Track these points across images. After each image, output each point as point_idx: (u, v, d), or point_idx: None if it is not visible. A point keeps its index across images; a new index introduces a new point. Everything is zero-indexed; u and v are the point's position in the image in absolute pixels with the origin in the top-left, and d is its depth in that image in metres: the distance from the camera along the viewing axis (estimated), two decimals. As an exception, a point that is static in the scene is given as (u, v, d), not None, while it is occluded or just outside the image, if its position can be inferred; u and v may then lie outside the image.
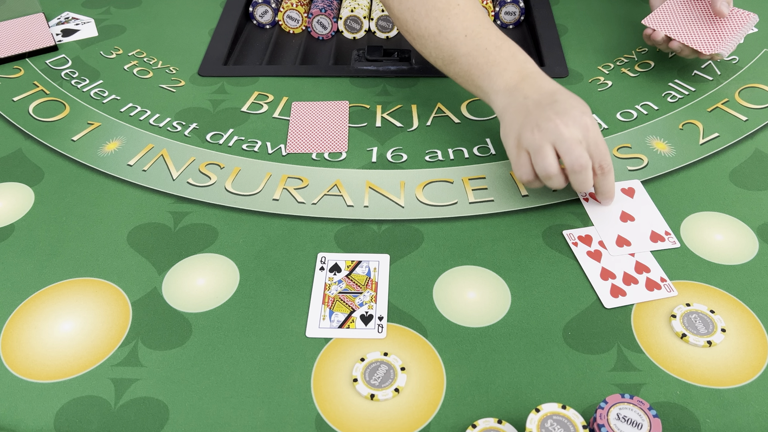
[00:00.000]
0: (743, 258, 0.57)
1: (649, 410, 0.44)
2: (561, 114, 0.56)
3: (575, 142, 0.55)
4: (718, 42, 0.70)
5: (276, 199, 0.64)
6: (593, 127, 0.56)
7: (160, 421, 0.47)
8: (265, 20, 0.92)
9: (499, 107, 0.62)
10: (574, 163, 0.56)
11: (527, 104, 0.59)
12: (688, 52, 0.73)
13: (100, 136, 0.72)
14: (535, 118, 0.57)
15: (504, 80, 0.62)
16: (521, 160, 0.59)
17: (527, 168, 0.58)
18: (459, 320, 0.53)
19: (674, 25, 0.72)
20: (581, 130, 0.56)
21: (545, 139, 0.56)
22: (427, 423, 0.46)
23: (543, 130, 0.56)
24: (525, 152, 0.58)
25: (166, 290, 0.56)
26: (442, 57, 0.66)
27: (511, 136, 0.60)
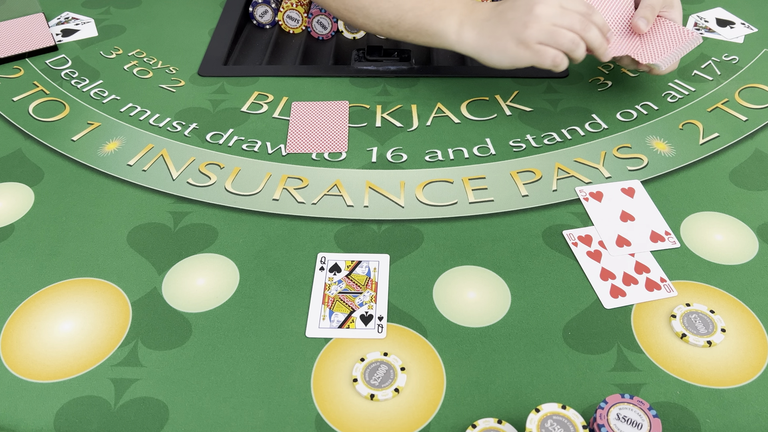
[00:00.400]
0: (743, 258, 0.57)
1: (649, 410, 0.44)
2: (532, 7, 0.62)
3: (565, 10, 0.62)
4: (657, 55, 0.69)
5: (276, 199, 0.64)
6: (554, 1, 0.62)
7: (160, 421, 0.47)
8: (265, 20, 0.92)
9: (469, 40, 0.66)
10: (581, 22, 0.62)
11: (496, 20, 0.64)
12: (627, 61, 0.71)
13: (100, 136, 0.72)
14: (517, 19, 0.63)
15: (457, 16, 0.66)
16: (542, 50, 0.63)
17: (552, 52, 0.63)
18: (459, 320, 0.53)
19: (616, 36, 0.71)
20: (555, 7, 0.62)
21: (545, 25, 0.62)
22: (427, 423, 0.46)
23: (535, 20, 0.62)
24: (538, 45, 0.63)
25: (166, 290, 0.56)
26: (389, 20, 0.68)
27: (509, 47, 0.64)
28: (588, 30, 0.63)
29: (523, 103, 0.76)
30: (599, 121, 0.73)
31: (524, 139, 0.71)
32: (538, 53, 0.63)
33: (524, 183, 0.65)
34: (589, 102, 0.75)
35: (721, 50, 0.83)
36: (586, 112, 0.74)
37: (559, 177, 0.66)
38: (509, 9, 0.63)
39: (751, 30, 0.86)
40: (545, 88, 0.77)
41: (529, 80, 0.79)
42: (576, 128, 0.72)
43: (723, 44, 0.84)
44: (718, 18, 0.89)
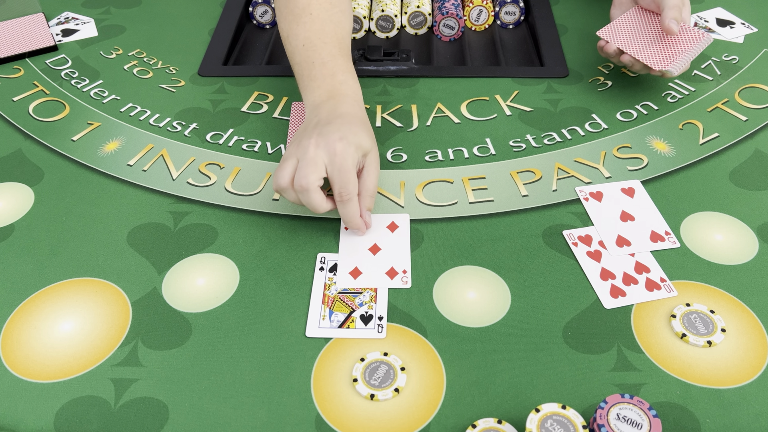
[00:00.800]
0: (743, 258, 0.57)
1: (649, 410, 0.44)
2: (321, 135, 0.56)
3: (310, 163, 0.54)
4: (670, 60, 0.69)
5: (276, 199, 0.64)
6: (342, 153, 0.54)
7: (160, 421, 0.47)
8: (265, 20, 0.92)
9: (306, 109, 0.63)
10: (297, 181, 0.54)
11: (312, 123, 0.59)
12: (639, 67, 0.71)
13: (100, 136, 0.72)
14: (302, 133, 0.58)
15: (314, 97, 0.62)
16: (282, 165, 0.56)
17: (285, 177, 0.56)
18: (459, 320, 0.53)
19: (628, 38, 0.71)
20: (329, 154, 0.55)
21: (294, 154, 0.56)
22: (427, 423, 0.46)
23: (299, 146, 0.56)
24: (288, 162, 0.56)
25: (166, 290, 0.56)
26: (289, 59, 0.67)
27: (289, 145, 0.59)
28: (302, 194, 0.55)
29: (523, 103, 0.76)
30: (599, 121, 0.73)
31: (524, 139, 0.71)
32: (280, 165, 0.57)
33: (524, 183, 0.65)
34: (589, 102, 0.75)
35: (721, 50, 0.83)
36: (586, 112, 0.74)
37: (559, 177, 0.66)
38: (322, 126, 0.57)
39: (751, 30, 0.86)
40: (545, 88, 0.77)
41: (529, 80, 0.79)
42: (576, 128, 0.72)
43: (723, 44, 0.84)
44: (718, 18, 0.89)
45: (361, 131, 0.57)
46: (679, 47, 0.69)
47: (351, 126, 0.57)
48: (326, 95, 0.62)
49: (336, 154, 0.54)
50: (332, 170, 0.55)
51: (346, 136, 0.55)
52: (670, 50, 0.69)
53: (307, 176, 0.54)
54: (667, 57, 0.69)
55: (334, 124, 0.57)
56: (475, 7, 0.89)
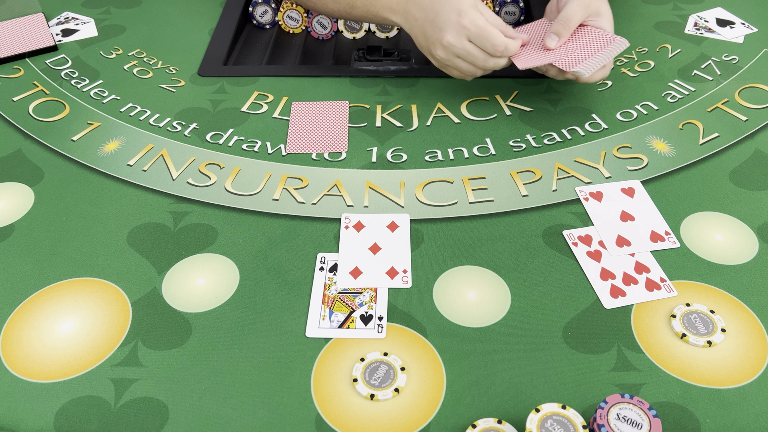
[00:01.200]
0: (743, 258, 0.57)
1: (649, 410, 0.44)
2: (444, 29, 0.67)
3: (467, 49, 0.67)
4: (579, 62, 0.67)
5: (276, 199, 0.64)
6: (471, 24, 0.66)
7: (160, 421, 0.47)
8: (265, 20, 0.92)
9: (403, 25, 0.73)
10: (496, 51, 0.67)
11: (420, 26, 0.70)
12: (554, 72, 0.70)
13: (100, 136, 0.72)
14: (434, 36, 0.69)
15: (392, 3, 0.73)
16: (447, 69, 0.71)
17: (461, 73, 0.71)
18: (459, 320, 0.53)
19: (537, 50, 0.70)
20: (463, 33, 0.67)
21: (451, 54, 0.68)
22: (427, 423, 0.46)
23: (445, 49, 0.68)
24: (451, 69, 0.70)
25: (166, 290, 0.56)
26: (344, 6, 0.77)
27: (431, 54, 0.71)
28: (482, 67, 0.69)
29: (523, 103, 0.76)
30: (599, 121, 0.73)
31: (524, 139, 0.71)
32: (444, 68, 0.72)
33: (524, 183, 0.65)
34: (589, 102, 0.75)
35: (721, 50, 0.83)
36: (586, 112, 0.74)
37: (559, 177, 0.66)
38: (432, 27, 0.69)
39: (751, 30, 0.86)
40: (545, 88, 0.77)
41: (529, 80, 0.79)
42: (576, 128, 0.72)
43: (723, 44, 0.84)
44: (718, 18, 0.89)
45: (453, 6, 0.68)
46: (589, 50, 0.68)
47: (444, 6, 0.68)
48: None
49: (468, 27, 0.66)
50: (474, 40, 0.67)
51: (458, 12, 0.67)
52: (580, 53, 0.68)
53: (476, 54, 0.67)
54: (577, 59, 0.68)
55: (439, 13, 0.68)
56: (475, 7, 0.89)
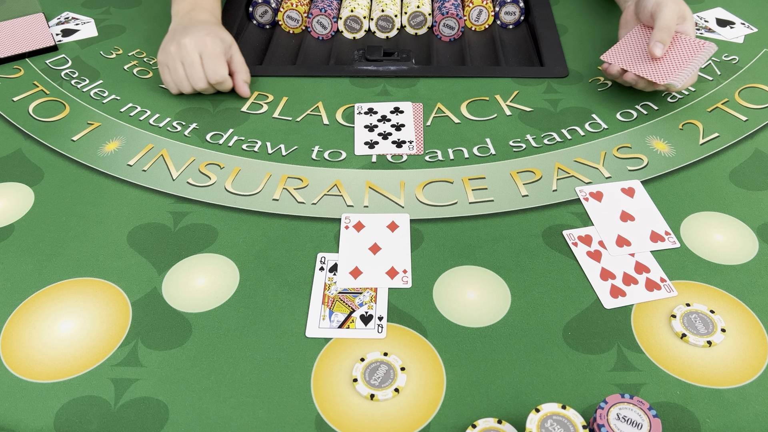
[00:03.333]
0: (743, 258, 0.57)
1: (649, 410, 0.44)
2: (190, 35, 0.73)
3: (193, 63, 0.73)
4: (671, 72, 0.69)
5: (276, 199, 0.64)
6: (211, 44, 0.73)
7: (160, 421, 0.47)
8: (265, 20, 0.92)
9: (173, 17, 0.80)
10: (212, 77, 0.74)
11: (178, 30, 0.76)
12: (643, 84, 0.72)
13: (100, 136, 0.72)
14: (170, 40, 0.74)
15: (180, 6, 0.80)
16: (164, 74, 0.76)
17: (169, 78, 0.76)
18: (459, 320, 0.53)
19: (630, 57, 0.72)
20: (199, 48, 0.73)
21: (176, 58, 0.73)
22: (427, 423, 0.46)
23: (171, 51, 0.73)
24: (165, 67, 0.75)
25: (166, 290, 0.56)
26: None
27: (163, 46, 0.75)
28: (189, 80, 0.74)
29: (523, 103, 0.76)
30: (599, 121, 0.73)
31: (524, 139, 0.71)
32: (160, 69, 0.76)
33: (524, 183, 0.65)
34: (589, 102, 0.75)
35: (721, 50, 0.83)
36: (586, 112, 0.74)
37: (559, 177, 0.66)
38: (181, 31, 0.75)
39: (751, 30, 0.86)
40: (545, 88, 0.77)
41: (529, 80, 0.79)
42: (576, 128, 0.72)
43: (723, 44, 0.84)
44: (718, 18, 0.89)
45: (219, 30, 0.76)
46: (680, 60, 0.69)
47: (211, 26, 0.75)
48: (189, 6, 0.80)
49: (206, 44, 0.73)
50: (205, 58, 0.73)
51: (207, 31, 0.74)
52: (671, 64, 0.69)
53: (217, 70, 0.73)
54: (669, 70, 0.69)
55: (197, 27, 0.74)
56: (475, 7, 0.89)
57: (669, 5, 0.69)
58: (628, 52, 0.72)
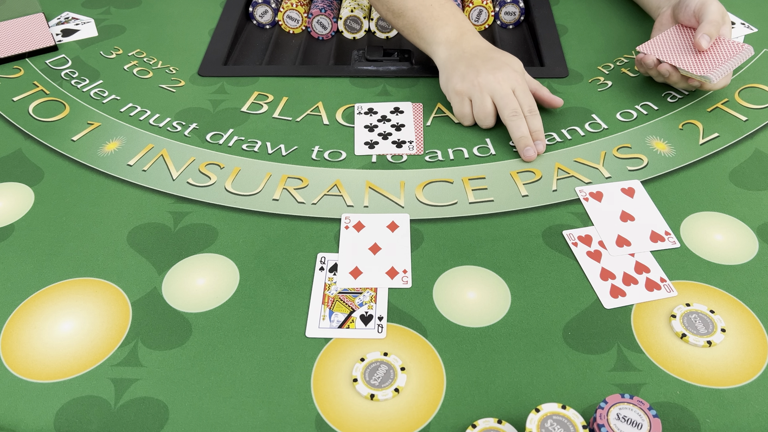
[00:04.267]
0: (743, 258, 0.57)
1: (649, 410, 0.44)
2: (496, 70, 0.69)
3: (510, 97, 0.68)
4: (709, 68, 0.69)
5: (276, 199, 0.64)
6: (522, 79, 0.70)
7: (160, 421, 0.47)
8: (265, 20, 0.92)
9: (441, 57, 0.74)
10: (511, 113, 0.68)
11: (466, 58, 0.71)
12: (676, 77, 0.72)
13: (100, 136, 0.72)
14: (476, 69, 0.69)
15: (445, 33, 0.73)
16: (465, 106, 0.71)
17: (469, 111, 0.71)
18: (459, 320, 0.53)
19: (667, 50, 0.72)
20: (512, 83, 0.69)
21: (485, 90, 0.69)
22: (427, 423, 0.46)
23: (482, 85, 0.69)
24: (467, 99, 0.70)
25: (166, 290, 0.56)
26: (392, 10, 0.76)
27: (451, 83, 0.71)
28: (514, 120, 0.68)
29: (523, 103, 0.75)
30: (599, 121, 0.73)
31: (524, 139, 0.70)
32: (461, 102, 0.71)
33: (524, 183, 0.65)
34: (589, 102, 0.75)
35: (721, 50, 0.83)
36: (586, 112, 0.74)
37: (559, 177, 0.66)
38: (482, 58, 0.71)
39: (751, 30, 0.86)
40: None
41: (529, 80, 0.79)
42: (576, 128, 0.72)
43: (723, 44, 0.84)
44: (718, 18, 0.89)
45: (510, 57, 0.72)
46: (718, 58, 0.69)
47: (507, 57, 0.72)
48: (458, 31, 0.74)
49: (519, 82, 0.69)
50: (518, 95, 0.69)
51: (516, 67, 0.70)
52: (709, 60, 0.69)
53: (513, 104, 0.68)
54: (706, 65, 0.69)
55: (496, 59, 0.70)
56: (475, 7, 0.89)
57: (715, 3, 0.71)
58: (666, 46, 0.73)
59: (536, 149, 0.68)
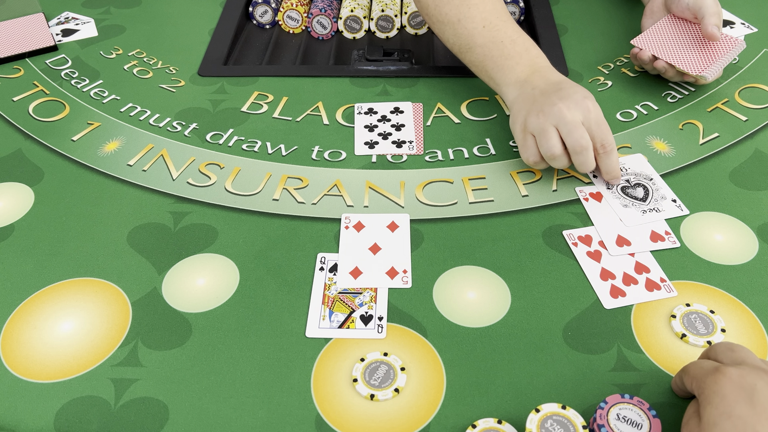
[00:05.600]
0: (743, 258, 0.57)
1: (649, 410, 0.44)
2: (564, 99, 0.60)
3: (576, 124, 0.58)
4: (705, 65, 0.70)
5: (276, 199, 0.64)
6: (594, 109, 0.59)
7: (160, 421, 0.47)
8: (265, 20, 0.92)
9: (510, 98, 0.66)
10: (575, 144, 0.58)
11: (534, 94, 0.63)
12: (672, 73, 0.73)
13: (100, 136, 0.72)
14: (540, 104, 0.61)
15: (516, 74, 0.66)
16: (528, 142, 0.62)
17: (534, 150, 0.62)
18: (459, 320, 0.53)
19: (662, 45, 0.73)
20: (582, 112, 0.59)
21: (549, 122, 0.59)
22: (427, 423, 0.46)
23: (547, 114, 0.60)
24: (531, 135, 0.62)
25: (166, 290, 0.56)
26: (459, 44, 0.70)
27: (518, 122, 0.63)
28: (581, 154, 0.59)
29: (523, 103, 0.75)
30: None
31: (524, 139, 0.70)
32: (524, 139, 0.62)
33: (524, 183, 0.65)
34: (589, 102, 0.75)
35: (721, 50, 0.83)
36: (586, 112, 0.74)
37: (559, 177, 0.66)
38: (550, 91, 0.61)
39: (751, 30, 0.86)
40: (545, 88, 0.77)
41: (529, 80, 0.79)
42: (576, 128, 0.72)
43: (723, 44, 0.84)
44: (718, 18, 0.89)
45: (581, 88, 0.61)
46: (713, 53, 0.70)
47: (578, 87, 0.62)
48: (529, 69, 0.66)
49: (590, 110, 0.59)
50: (590, 126, 0.59)
51: (587, 95, 0.60)
52: (704, 56, 0.70)
53: (583, 135, 0.58)
54: (702, 62, 0.70)
55: (565, 88, 0.61)
56: (475, 7, 0.89)
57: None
58: (660, 40, 0.73)
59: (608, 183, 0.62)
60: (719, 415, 0.38)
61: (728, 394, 0.38)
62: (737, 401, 0.38)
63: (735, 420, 0.37)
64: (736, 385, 0.38)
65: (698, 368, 0.42)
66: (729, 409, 0.37)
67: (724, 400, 0.38)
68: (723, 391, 0.38)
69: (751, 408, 0.37)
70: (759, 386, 0.38)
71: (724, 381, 0.39)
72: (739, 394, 0.38)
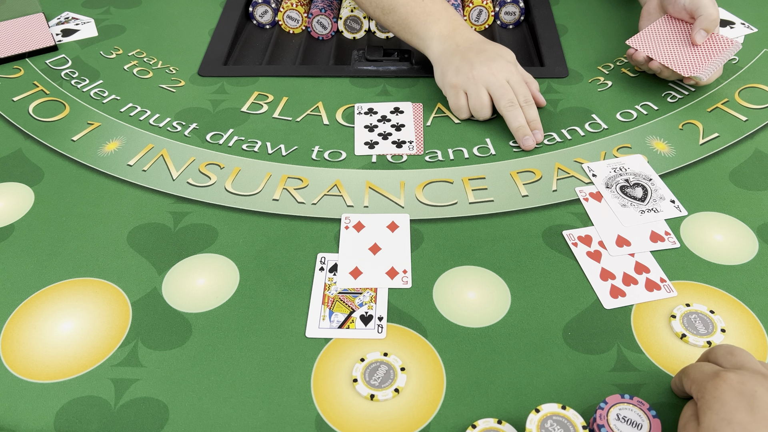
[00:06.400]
0: (743, 258, 0.57)
1: (648, 410, 0.44)
2: (490, 62, 0.69)
3: (504, 86, 0.69)
4: (698, 66, 0.70)
5: (276, 199, 0.64)
6: (516, 70, 0.71)
7: (160, 421, 0.47)
8: (265, 20, 0.92)
9: (435, 52, 0.74)
10: (505, 101, 0.68)
11: (460, 51, 0.71)
12: (668, 73, 0.73)
13: (100, 136, 0.72)
14: (471, 62, 0.70)
15: (438, 28, 0.74)
16: (460, 99, 0.71)
17: (464, 103, 0.71)
18: (459, 320, 0.53)
19: (657, 46, 0.73)
20: (507, 74, 0.69)
21: (480, 82, 0.69)
22: (427, 423, 0.47)
23: (477, 76, 0.69)
24: (463, 92, 0.71)
25: (166, 290, 0.56)
26: (382, 7, 0.76)
27: (447, 76, 0.71)
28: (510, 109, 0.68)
29: (523, 103, 0.75)
30: (599, 121, 0.73)
31: (524, 139, 0.70)
32: (456, 95, 0.71)
33: (524, 183, 0.65)
34: (589, 102, 0.75)
35: (721, 50, 0.83)
36: (586, 112, 0.74)
37: (559, 177, 0.66)
38: (475, 51, 0.71)
39: (751, 30, 0.86)
40: (545, 88, 0.77)
41: (529, 80, 0.79)
42: (576, 128, 0.72)
43: (723, 44, 0.84)
44: (718, 18, 0.89)
45: (503, 48, 0.72)
46: (707, 54, 0.70)
47: (501, 48, 0.72)
48: (451, 26, 0.74)
49: (513, 73, 0.70)
50: (513, 86, 0.69)
51: (509, 58, 0.71)
52: (699, 57, 0.70)
53: (509, 94, 0.68)
54: (696, 63, 0.70)
55: (489, 50, 0.71)
56: (475, 7, 0.89)
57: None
58: (655, 41, 0.73)
59: (535, 138, 0.68)
60: (719, 421, 0.38)
61: (728, 400, 0.38)
62: (737, 408, 0.38)
63: (735, 426, 0.37)
64: (736, 392, 0.38)
65: (698, 372, 0.42)
66: (729, 416, 0.37)
67: (724, 406, 0.38)
68: (723, 397, 0.38)
69: (751, 415, 0.37)
70: (759, 392, 0.38)
71: (725, 387, 0.39)
72: (739, 400, 0.38)
